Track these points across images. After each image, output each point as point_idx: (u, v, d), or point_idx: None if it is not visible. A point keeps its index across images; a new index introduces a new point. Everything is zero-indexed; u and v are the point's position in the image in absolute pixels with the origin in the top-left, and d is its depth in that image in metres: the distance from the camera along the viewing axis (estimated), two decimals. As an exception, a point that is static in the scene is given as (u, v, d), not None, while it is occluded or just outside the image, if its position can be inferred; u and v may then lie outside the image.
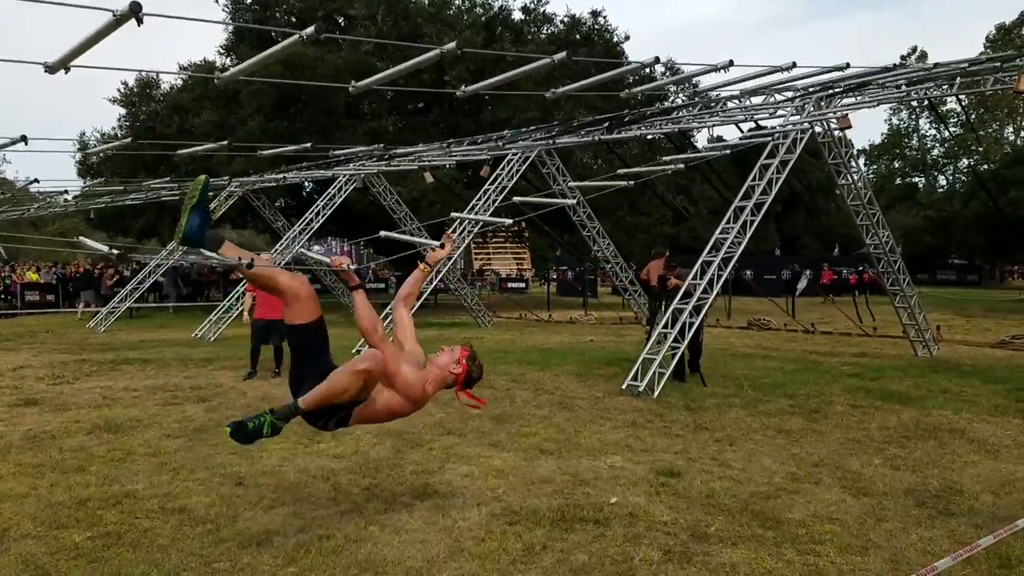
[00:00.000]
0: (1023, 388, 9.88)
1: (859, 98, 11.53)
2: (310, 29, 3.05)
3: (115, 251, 3.83)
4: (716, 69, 5.95)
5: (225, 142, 8.99)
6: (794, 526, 4.82)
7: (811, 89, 11.50)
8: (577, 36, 28.15)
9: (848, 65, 9.57)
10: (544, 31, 28.83)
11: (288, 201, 29.94)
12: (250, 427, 4.14)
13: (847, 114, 11.46)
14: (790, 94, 11.84)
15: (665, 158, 10.92)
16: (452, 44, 3.60)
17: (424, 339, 5.65)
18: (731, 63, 5.91)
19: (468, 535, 4.61)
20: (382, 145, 13.31)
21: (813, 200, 41.82)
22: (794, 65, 7.27)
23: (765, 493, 5.49)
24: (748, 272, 32.66)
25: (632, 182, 9.58)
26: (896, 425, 7.77)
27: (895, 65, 11.91)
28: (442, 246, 4.92)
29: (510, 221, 7.87)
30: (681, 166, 11.01)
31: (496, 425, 7.55)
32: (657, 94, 24.44)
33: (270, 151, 10.19)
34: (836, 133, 12.08)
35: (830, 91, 11.41)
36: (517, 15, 28.69)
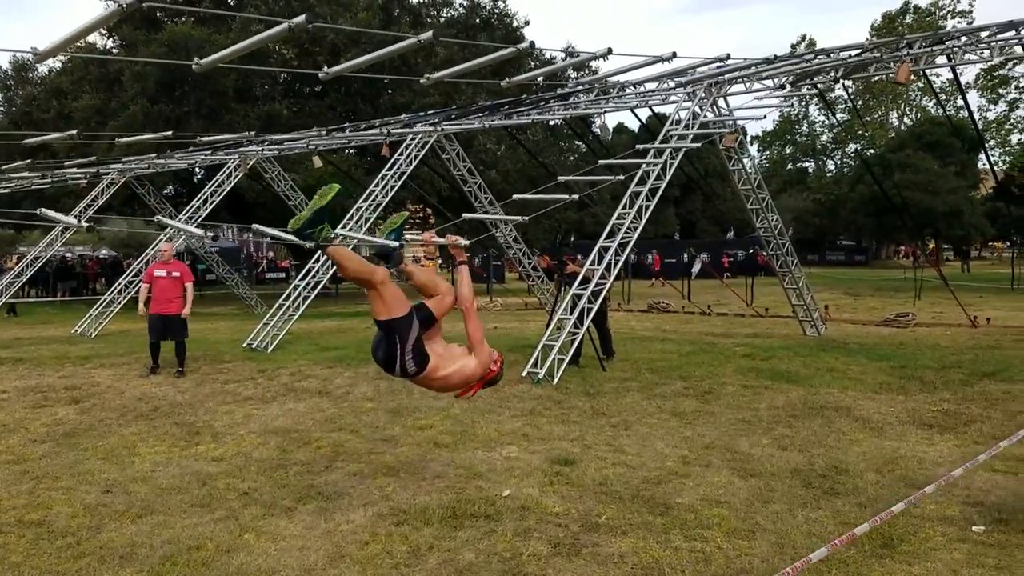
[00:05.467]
0: (906, 365, 10.27)
1: (748, 85, 11.77)
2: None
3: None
4: (596, 57, 5.96)
5: (75, 132, 8.40)
6: (683, 511, 4.80)
7: (701, 77, 11.70)
8: (477, 20, 27.91)
9: (728, 56, 9.88)
10: (443, 15, 28.46)
11: (178, 188, 28.65)
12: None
13: (735, 132, 11.84)
14: (683, 79, 12.01)
15: (565, 179, 10.98)
16: (301, 18, 3.38)
17: (325, 330, 5.39)
18: (610, 51, 5.94)
19: (351, 539, 4.40)
20: (253, 133, 12.68)
21: (709, 185, 42.85)
22: (674, 55, 7.40)
23: (657, 478, 5.48)
24: (651, 254, 33.40)
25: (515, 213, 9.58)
26: (785, 404, 7.94)
27: (787, 55, 12.25)
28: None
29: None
30: (570, 194, 11.12)
31: (391, 418, 7.33)
32: (557, 83, 24.60)
33: (127, 139, 9.59)
34: (722, 145, 12.31)
35: (719, 79, 11.62)
36: (416, -2, 28.23)
